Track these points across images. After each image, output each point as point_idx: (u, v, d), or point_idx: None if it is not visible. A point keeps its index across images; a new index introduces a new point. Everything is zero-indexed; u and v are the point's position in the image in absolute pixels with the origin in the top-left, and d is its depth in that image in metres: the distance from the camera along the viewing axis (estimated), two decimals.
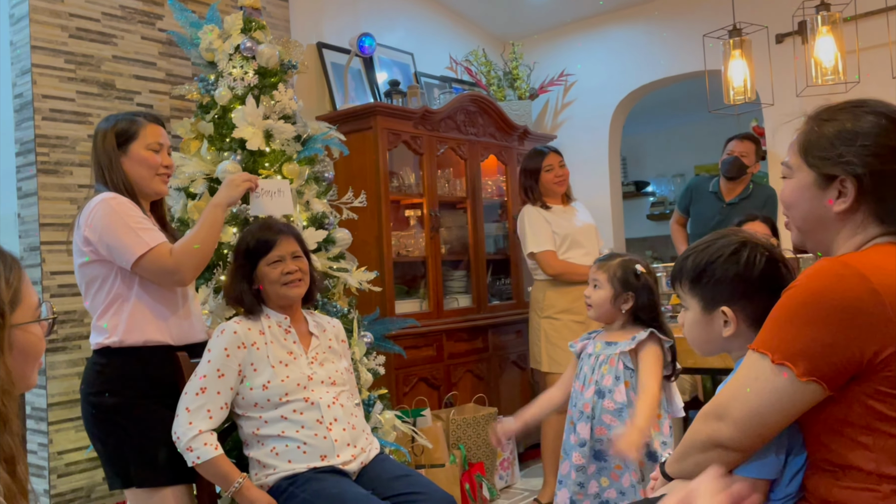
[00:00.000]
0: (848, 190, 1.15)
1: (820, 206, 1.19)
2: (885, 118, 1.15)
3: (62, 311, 2.67)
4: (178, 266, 1.90)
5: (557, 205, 3.44)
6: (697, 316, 1.31)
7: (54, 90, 2.71)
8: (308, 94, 3.69)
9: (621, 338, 2.02)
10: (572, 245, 3.34)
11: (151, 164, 1.99)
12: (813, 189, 1.19)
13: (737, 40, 2.83)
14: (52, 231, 2.67)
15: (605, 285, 2.03)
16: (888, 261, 1.11)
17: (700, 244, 1.33)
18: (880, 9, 3.14)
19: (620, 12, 4.45)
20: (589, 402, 1.99)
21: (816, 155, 1.18)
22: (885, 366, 1.06)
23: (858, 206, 1.16)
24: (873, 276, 1.07)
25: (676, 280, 1.35)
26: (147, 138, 1.99)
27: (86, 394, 1.95)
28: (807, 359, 1.07)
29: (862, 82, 2.87)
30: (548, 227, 3.33)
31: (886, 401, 1.07)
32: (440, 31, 4.49)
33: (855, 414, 1.09)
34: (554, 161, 3.41)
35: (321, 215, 2.64)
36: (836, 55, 2.59)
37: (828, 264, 1.12)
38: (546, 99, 4.74)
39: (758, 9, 3.60)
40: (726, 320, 1.27)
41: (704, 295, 1.29)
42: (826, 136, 1.17)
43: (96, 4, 2.84)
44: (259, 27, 2.64)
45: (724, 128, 4.63)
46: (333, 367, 2.05)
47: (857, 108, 1.17)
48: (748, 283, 1.25)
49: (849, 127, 1.15)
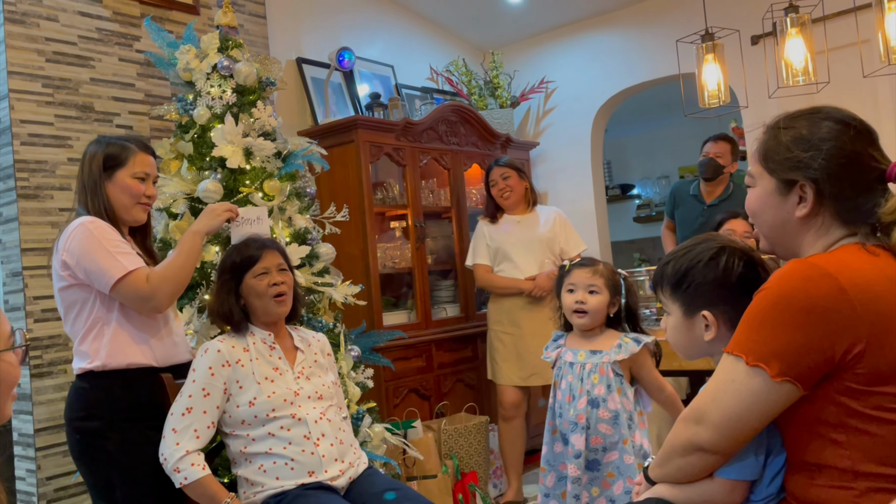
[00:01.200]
0: (808, 194, 1.18)
1: (783, 212, 1.21)
2: (839, 123, 1.17)
3: (46, 335, 2.66)
4: (154, 292, 1.90)
5: (518, 214, 3.47)
6: (679, 320, 1.33)
7: (32, 115, 2.71)
8: (289, 109, 3.70)
9: (602, 345, 2.02)
10: (502, 258, 3.41)
11: (134, 193, 1.99)
12: (775, 196, 1.21)
13: (709, 44, 2.86)
14: (34, 256, 2.66)
15: (602, 290, 2.03)
16: (855, 260, 1.13)
17: (679, 250, 1.35)
18: (848, 9, 3.19)
19: (597, 19, 4.49)
20: (583, 413, 1.98)
21: (775, 161, 1.20)
22: (855, 363, 1.07)
23: (819, 210, 1.18)
24: (841, 275, 1.09)
25: (658, 285, 1.37)
26: (135, 167, 1.99)
27: (70, 419, 1.94)
28: (780, 360, 1.09)
29: (832, 82, 2.90)
30: (483, 241, 3.45)
31: (858, 397, 1.09)
32: (420, 42, 4.51)
33: (828, 412, 1.11)
34: (496, 175, 3.44)
35: (304, 231, 2.65)
36: (805, 56, 2.63)
37: (796, 266, 1.14)
38: (528, 106, 4.77)
39: (730, 13, 3.65)
40: (707, 324, 1.28)
41: (685, 300, 1.31)
42: (783, 143, 1.20)
43: (72, 28, 2.84)
44: (236, 45, 2.65)
45: (706, 129, 4.67)
46: (320, 381, 2.05)
47: (814, 115, 1.20)
48: (727, 287, 1.27)
49: (804, 133, 1.18)
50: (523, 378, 3.33)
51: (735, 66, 3.30)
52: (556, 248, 3.44)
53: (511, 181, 3.42)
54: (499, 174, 3.43)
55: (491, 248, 3.43)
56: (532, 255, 3.39)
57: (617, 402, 1.95)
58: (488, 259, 3.44)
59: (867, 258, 1.13)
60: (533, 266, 3.37)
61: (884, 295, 1.09)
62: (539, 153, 4.69)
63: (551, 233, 3.43)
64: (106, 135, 2.13)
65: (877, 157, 1.17)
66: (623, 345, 1.98)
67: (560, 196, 4.68)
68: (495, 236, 3.43)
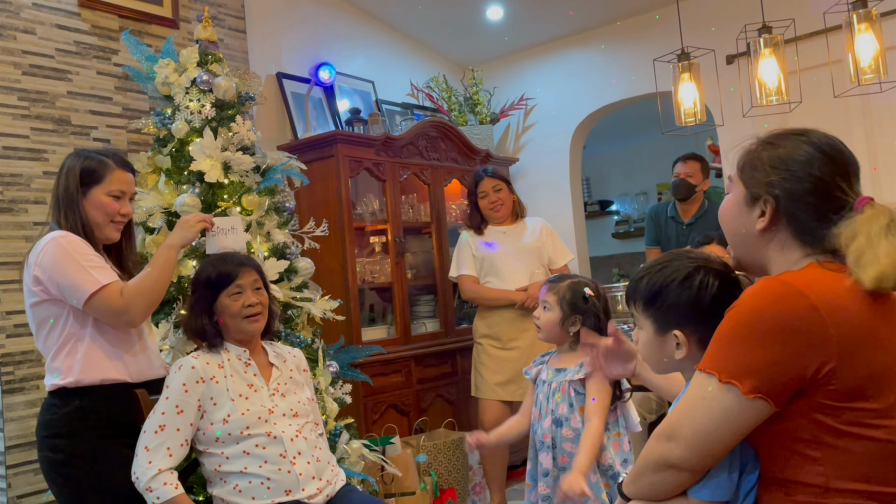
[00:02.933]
0: (767, 210, 1.21)
1: (746, 222, 1.24)
2: (817, 150, 1.20)
3: (19, 351, 2.61)
4: (128, 306, 1.87)
5: (505, 225, 3.41)
6: (650, 336, 1.33)
7: (8, 128, 2.68)
8: (268, 124, 3.69)
9: (569, 363, 2.02)
10: (490, 270, 3.33)
11: (108, 211, 1.96)
12: (742, 205, 1.25)
13: (685, 63, 2.91)
14: (8, 270, 2.62)
15: (553, 307, 2.03)
16: (823, 278, 1.15)
17: (654, 265, 1.34)
18: (819, 30, 3.26)
19: (575, 37, 4.55)
20: (548, 432, 1.99)
21: (749, 174, 1.24)
22: (828, 380, 1.09)
23: (777, 226, 1.21)
24: (812, 293, 1.10)
25: (631, 299, 1.36)
26: (111, 184, 1.96)
27: (42, 437, 1.90)
28: (752, 377, 1.09)
29: (804, 102, 2.96)
30: (469, 252, 3.37)
31: (832, 413, 1.10)
32: (400, 58, 4.54)
33: (802, 428, 1.11)
34: (487, 187, 3.37)
35: (282, 245, 2.64)
36: (778, 76, 2.68)
37: (767, 283, 1.16)
38: (507, 123, 4.81)
39: (705, 33, 3.71)
40: (678, 343, 1.28)
41: (657, 317, 1.30)
42: (761, 158, 1.23)
43: (50, 41, 2.82)
44: (215, 60, 2.65)
45: (683, 146, 4.73)
46: (295, 398, 2.04)
47: (798, 138, 1.23)
48: (700, 308, 1.26)
49: (782, 153, 1.21)
50: (509, 392, 3.25)
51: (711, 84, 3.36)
52: (545, 258, 3.39)
53: (502, 194, 3.37)
54: (491, 186, 3.36)
55: (477, 259, 3.35)
56: (521, 265, 3.33)
57: (579, 421, 1.95)
58: (475, 270, 3.36)
59: (833, 276, 1.15)
60: (522, 276, 3.31)
61: (852, 312, 1.11)
62: (518, 169, 4.72)
63: (539, 242, 3.39)
64: (85, 149, 2.09)
65: (845, 188, 1.19)
66: (584, 363, 1.98)
67: (539, 211, 4.70)
68: (482, 247, 3.37)
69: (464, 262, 3.38)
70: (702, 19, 3.86)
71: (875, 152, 3.52)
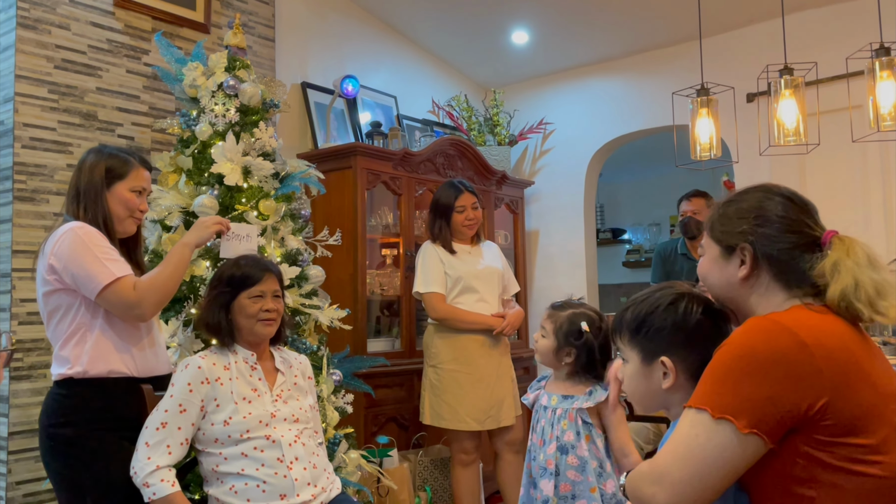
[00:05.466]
0: (747, 256, 1.25)
1: (727, 275, 1.28)
2: (779, 196, 1.27)
3: (29, 338, 2.65)
4: (140, 300, 1.91)
5: (464, 244, 3.21)
6: (637, 368, 1.32)
7: (36, 119, 2.74)
8: (290, 131, 3.74)
9: (576, 391, 2.00)
10: (465, 290, 3.10)
11: (130, 206, 2.03)
12: (719, 260, 1.30)
13: (704, 99, 2.93)
14: (24, 258, 2.66)
15: (550, 336, 2.01)
16: (808, 318, 1.17)
17: (639, 297, 1.36)
18: (841, 74, 3.28)
19: (598, 66, 4.59)
20: (552, 459, 1.96)
21: (720, 231, 1.30)
22: (821, 416, 1.09)
23: (759, 271, 1.25)
24: (800, 330, 1.12)
25: (617, 332, 1.37)
26: (134, 180, 2.04)
27: (45, 425, 1.93)
28: (746, 412, 1.09)
29: (822, 144, 2.98)
30: (440, 268, 3.09)
31: (827, 449, 1.10)
32: (424, 75, 4.60)
33: (798, 467, 1.11)
34: (467, 202, 3.15)
35: (295, 252, 2.67)
36: (798, 117, 2.70)
37: (757, 321, 1.18)
38: (525, 146, 4.84)
39: (726, 70, 3.75)
40: (665, 371, 1.28)
41: (644, 346, 1.31)
42: (727, 213, 1.30)
43: (84, 37, 2.89)
44: (243, 66, 2.70)
45: (699, 180, 4.75)
46: (297, 404, 2.06)
47: (757, 191, 1.30)
48: (686, 332, 1.28)
49: (745, 206, 1.28)
50: (480, 422, 3.02)
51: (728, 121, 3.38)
52: (503, 284, 3.25)
53: (479, 212, 3.20)
54: (471, 202, 3.16)
55: (451, 277, 3.09)
56: (493, 288, 3.17)
57: (585, 449, 1.94)
58: (444, 288, 3.08)
59: (817, 316, 1.18)
60: (494, 299, 3.16)
61: (840, 348, 1.13)
62: (533, 192, 4.75)
63: (502, 266, 3.25)
64: (106, 145, 2.16)
65: (811, 224, 1.25)
66: (594, 391, 1.97)
67: (551, 236, 4.73)
68: (456, 264, 3.12)
69: (433, 278, 3.08)
70: (723, 56, 3.89)
71: (891, 199, 3.53)
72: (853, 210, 3.56)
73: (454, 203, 3.15)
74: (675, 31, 4.08)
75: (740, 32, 3.99)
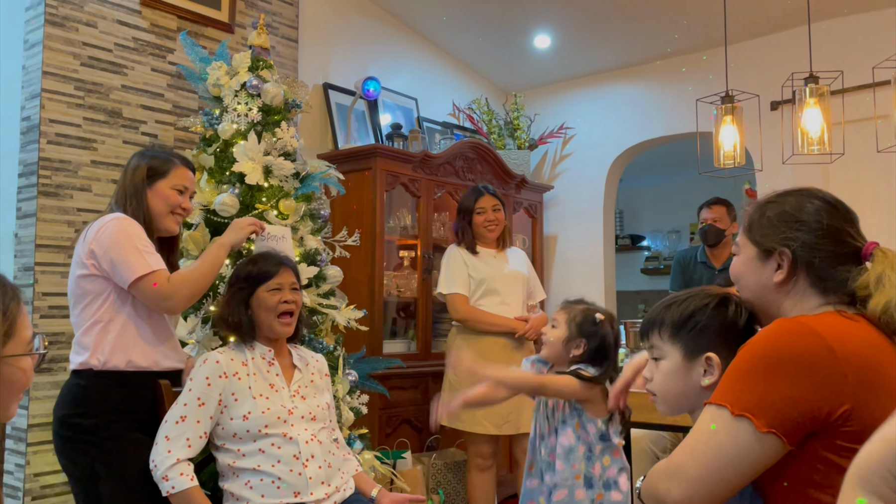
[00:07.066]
0: (784, 261, 1.23)
1: (762, 278, 1.26)
2: (823, 202, 1.25)
3: (51, 332, 2.68)
4: (172, 293, 1.96)
5: (490, 249, 3.24)
6: (677, 365, 1.30)
7: (61, 115, 2.77)
8: (311, 132, 3.76)
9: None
10: (487, 292, 3.13)
11: (171, 202, 2.08)
12: (756, 262, 1.27)
13: (728, 106, 2.91)
14: (48, 252, 2.70)
15: (561, 326, 2.02)
16: (839, 323, 1.16)
17: (678, 297, 1.34)
18: (867, 84, 3.24)
19: (620, 71, 4.57)
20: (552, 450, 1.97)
21: (759, 233, 1.27)
22: (843, 422, 1.08)
23: (796, 277, 1.23)
24: (828, 334, 1.11)
25: (654, 328, 1.33)
26: (175, 178, 2.10)
27: (61, 415, 1.96)
28: (767, 411, 1.08)
29: (846, 154, 2.94)
30: (464, 270, 3.14)
31: (847, 455, 1.08)
32: (445, 78, 4.60)
33: (817, 472, 1.10)
34: (487, 204, 3.20)
35: (314, 252, 2.68)
36: (822, 126, 2.67)
37: (784, 323, 1.17)
38: (545, 150, 4.83)
39: (751, 77, 3.72)
40: (706, 369, 1.26)
41: (688, 342, 1.28)
42: (767, 216, 1.27)
43: (110, 35, 2.93)
44: (266, 66, 2.71)
45: (720, 188, 4.71)
46: (315, 401, 2.07)
47: (800, 194, 1.27)
48: (733, 332, 1.27)
49: (788, 209, 1.25)
50: (497, 426, 3.03)
51: (752, 129, 3.35)
52: (527, 290, 3.27)
53: (500, 214, 3.23)
54: (491, 204, 3.20)
55: (474, 280, 3.13)
56: (517, 292, 3.19)
57: (571, 437, 1.94)
58: (467, 289, 3.13)
59: (849, 323, 1.16)
60: (520, 302, 3.18)
61: (869, 356, 1.12)
62: (552, 196, 4.74)
63: (528, 272, 3.28)
64: (151, 147, 2.22)
65: (853, 234, 1.23)
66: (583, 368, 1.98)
67: (570, 241, 4.71)
68: (480, 266, 3.16)
69: (457, 279, 3.14)
70: (748, 63, 3.86)
71: None
72: (878, 220, 3.50)
73: (474, 205, 3.21)
74: (699, 38, 4.06)
75: (766, 40, 3.96)
